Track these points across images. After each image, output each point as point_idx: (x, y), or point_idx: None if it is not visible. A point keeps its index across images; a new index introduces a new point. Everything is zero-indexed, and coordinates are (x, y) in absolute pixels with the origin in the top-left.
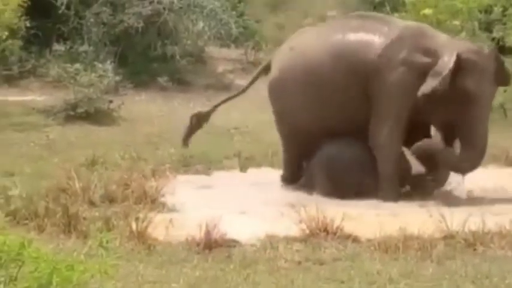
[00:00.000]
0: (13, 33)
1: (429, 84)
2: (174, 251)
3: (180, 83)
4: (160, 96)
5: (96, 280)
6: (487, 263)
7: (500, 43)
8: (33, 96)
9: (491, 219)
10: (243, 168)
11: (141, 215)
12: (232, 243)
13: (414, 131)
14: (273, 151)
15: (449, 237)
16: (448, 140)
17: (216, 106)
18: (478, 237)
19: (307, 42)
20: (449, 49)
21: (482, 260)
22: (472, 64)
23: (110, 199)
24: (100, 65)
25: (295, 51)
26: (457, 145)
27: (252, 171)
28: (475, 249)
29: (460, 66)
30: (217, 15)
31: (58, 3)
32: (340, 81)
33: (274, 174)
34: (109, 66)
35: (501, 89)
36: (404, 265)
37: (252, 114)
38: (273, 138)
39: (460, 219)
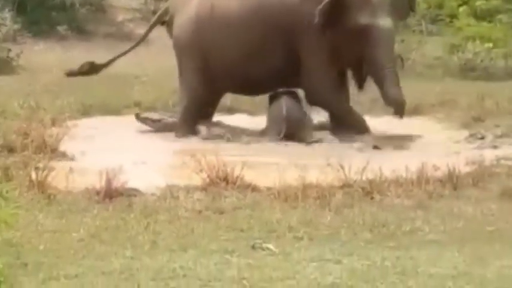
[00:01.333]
0: None
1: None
2: (75, 200)
3: (80, 32)
4: (60, 45)
5: None
6: (384, 211)
7: None
8: None
9: (388, 168)
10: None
11: (40, 165)
12: (132, 193)
13: None
14: (173, 100)
15: (347, 185)
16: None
17: (112, 60)
18: (376, 185)
19: None
20: None
21: (379, 209)
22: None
23: (9, 149)
24: None
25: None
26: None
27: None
28: (372, 198)
29: (345, 2)
30: None
31: None
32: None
33: None
34: (7, 14)
35: (398, 39)
36: (304, 213)
37: (152, 62)
38: (173, 87)
39: (358, 168)
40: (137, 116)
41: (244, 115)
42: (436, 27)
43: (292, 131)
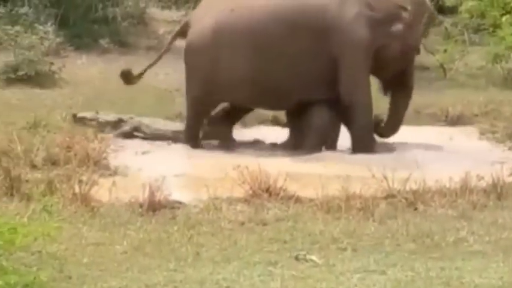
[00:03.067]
0: None
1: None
2: (118, 213)
3: (122, 45)
4: (102, 58)
5: (39, 243)
6: (428, 221)
7: (440, 2)
8: None
9: (432, 178)
10: None
11: (84, 178)
12: (176, 205)
13: None
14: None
15: (390, 196)
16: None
17: (144, 70)
18: (419, 196)
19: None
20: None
21: (423, 219)
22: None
23: (53, 162)
24: (41, 27)
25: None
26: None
27: None
28: (416, 208)
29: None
30: None
31: None
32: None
33: None
34: (50, 28)
35: (441, 49)
36: (347, 225)
37: None
38: None
39: (401, 179)
40: (74, 117)
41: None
42: (478, 36)
43: (335, 141)
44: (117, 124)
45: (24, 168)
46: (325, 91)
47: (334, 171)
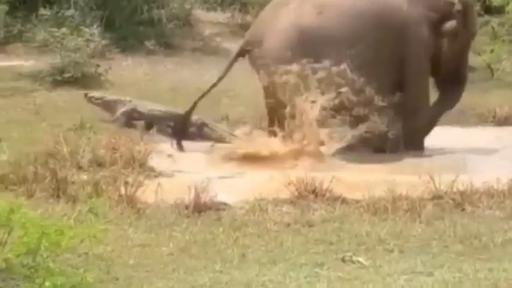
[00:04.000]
0: None
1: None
2: (164, 215)
3: (167, 46)
4: (147, 60)
5: (85, 245)
6: (476, 222)
7: (487, 2)
8: (19, 61)
9: (479, 179)
10: (231, 132)
11: (129, 179)
12: (221, 206)
13: None
14: (261, 114)
15: (437, 197)
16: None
17: (195, 103)
18: (466, 197)
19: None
20: None
21: (470, 220)
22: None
23: (98, 163)
24: (87, 29)
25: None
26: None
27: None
28: (463, 209)
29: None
30: None
31: None
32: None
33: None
34: (95, 30)
35: (488, 49)
36: (393, 226)
37: (240, 77)
38: (260, 101)
39: (448, 180)
40: (85, 96)
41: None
42: None
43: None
44: (116, 104)
45: (70, 169)
46: (390, 94)
47: (380, 172)
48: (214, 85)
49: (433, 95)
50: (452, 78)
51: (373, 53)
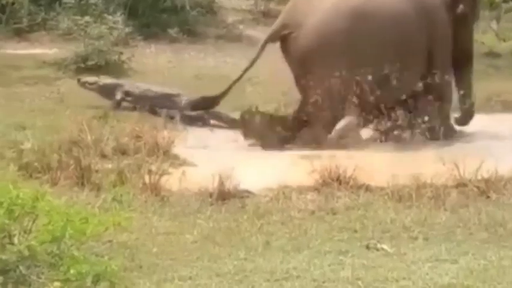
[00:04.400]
0: None
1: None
2: (188, 203)
3: (190, 34)
4: (171, 47)
5: (110, 232)
6: (500, 210)
7: None
8: (43, 49)
9: (504, 166)
10: None
11: (153, 167)
12: (245, 194)
13: None
14: (285, 102)
15: (462, 185)
16: None
17: (229, 87)
18: (491, 184)
19: None
20: None
21: (495, 207)
22: None
23: (122, 151)
24: (110, 17)
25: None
26: None
27: None
28: (488, 197)
29: None
30: None
31: None
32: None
33: None
34: (119, 18)
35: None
36: (418, 213)
37: (264, 64)
38: (284, 89)
39: (472, 167)
40: (78, 81)
41: None
42: None
43: None
44: (111, 88)
45: (94, 158)
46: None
47: (405, 159)
48: (247, 69)
49: None
50: (461, 61)
51: (410, 40)
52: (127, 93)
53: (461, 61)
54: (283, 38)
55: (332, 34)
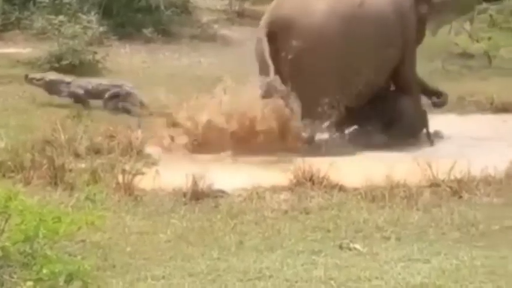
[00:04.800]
0: None
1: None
2: (161, 202)
3: (165, 34)
4: (145, 47)
5: (83, 232)
6: (473, 210)
7: None
8: (17, 48)
9: (477, 166)
10: None
11: (127, 167)
12: (219, 194)
13: None
14: None
15: (435, 185)
16: None
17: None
18: (464, 184)
19: None
20: None
21: (467, 207)
22: None
23: (96, 151)
24: (84, 17)
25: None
26: None
27: None
28: (460, 197)
29: None
30: None
31: None
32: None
33: None
34: (93, 17)
35: (486, 36)
36: (391, 213)
37: (235, 64)
38: None
39: (445, 167)
40: (26, 78)
41: None
42: None
43: None
44: (58, 84)
45: (67, 157)
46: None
47: (378, 160)
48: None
49: None
50: None
51: (392, 42)
52: (79, 88)
53: None
54: (273, 36)
55: (329, 36)
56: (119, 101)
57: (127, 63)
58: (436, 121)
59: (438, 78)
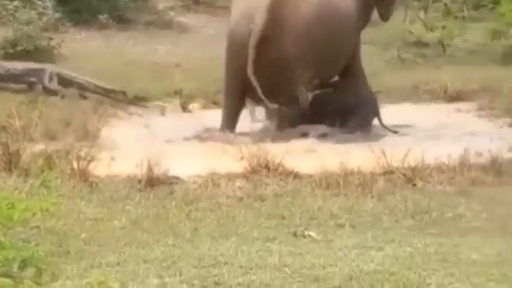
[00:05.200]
0: None
1: None
2: (116, 189)
3: (120, 20)
4: (101, 34)
5: (37, 218)
6: (426, 198)
7: None
8: None
9: (431, 154)
10: (184, 106)
11: (82, 153)
12: (174, 180)
13: None
14: (215, 89)
15: (389, 172)
16: None
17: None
18: (417, 172)
19: None
20: None
21: (421, 195)
22: None
23: (51, 137)
24: (39, 2)
25: None
26: None
27: (193, 109)
28: (414, 185)
29: None
30: None
31: None
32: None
33: (215, 112)
34: (49, 3)
35: (440, 25)
36: (345, 201)
37: (193, 51)
38: (215, 76)
39: (400, 155)
40: None
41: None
42: (478, 13)
43: None
44: None
45: (22, 143)
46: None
47: (333, 147)
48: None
49: None
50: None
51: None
52: None
53: None
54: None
55: (315, 37)
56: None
57: (82, 49)
58: (391, 110)
59: (393, 67)
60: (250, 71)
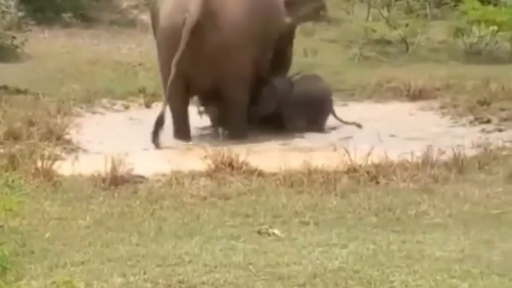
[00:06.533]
0: None
1: None
2: (80, 188)
3: (84, 19)
4: (64, 32)
5: (1, 217)
6: (390, 195)
7: None
8: None
9: (394, 152)
10: (148, 104)
11: (46, 152)
12: (138, 179)
13: None
14: None
15: (353, 170)
16: None
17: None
18: (381, 170)
19: None
20: None
21: (385, 193)
22: None
23: (15, 136)
24: (3, 1)
25: None
26: None
27: (157, 107)
28: (377, 182)
29: None
30: None
31: None
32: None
33: None
34: (11, 2)
35: (403, 23)
36: (309, 198)
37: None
38: None
39: (363, 153)
40: None
41: None
42: (440, 11)
43: None
44: None
45: None
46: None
47: (296, 146)
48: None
49: None
50: None
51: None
52: None
53: None
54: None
55: (252, 25)
56: None
57: (46, 48)
58: (354, 108)
59: (356, 65)
60: (175, 60)
